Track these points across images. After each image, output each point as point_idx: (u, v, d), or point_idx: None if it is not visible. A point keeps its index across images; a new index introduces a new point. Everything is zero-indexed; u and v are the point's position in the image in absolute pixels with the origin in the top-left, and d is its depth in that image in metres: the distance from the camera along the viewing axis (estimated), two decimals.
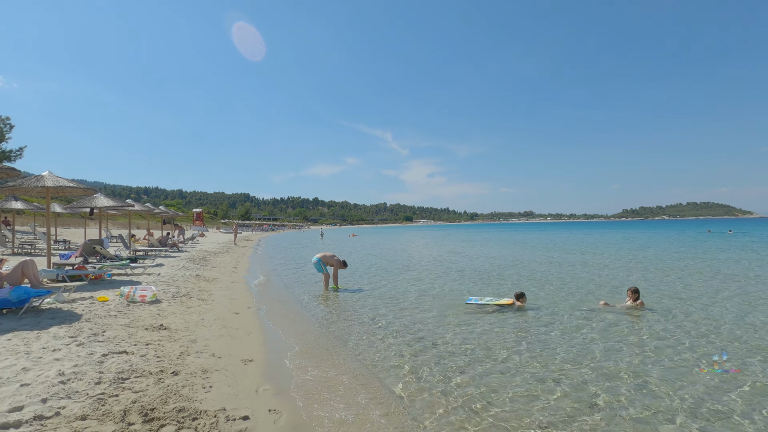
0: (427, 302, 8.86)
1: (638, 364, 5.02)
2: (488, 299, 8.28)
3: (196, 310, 7.44)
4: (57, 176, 10.28)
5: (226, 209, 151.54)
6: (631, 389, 4.30)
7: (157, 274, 11.59)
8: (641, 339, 6.09)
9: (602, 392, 4.22)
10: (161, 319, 6.52)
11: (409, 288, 10.87)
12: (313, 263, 10.69)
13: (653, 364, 5.05)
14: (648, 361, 5.16)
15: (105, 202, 13.96)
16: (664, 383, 4.45)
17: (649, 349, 5.60)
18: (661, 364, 5.03)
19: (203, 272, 13.13)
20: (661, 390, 4.28)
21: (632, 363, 5.07)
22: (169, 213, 25.24)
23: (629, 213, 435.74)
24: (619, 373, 4.75)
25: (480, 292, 10.03)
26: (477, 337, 6.25)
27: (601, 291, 10.11)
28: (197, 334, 5.85)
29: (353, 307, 8.52)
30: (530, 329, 6.68)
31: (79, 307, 6.85)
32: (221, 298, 8.91)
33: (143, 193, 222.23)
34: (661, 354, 5.41)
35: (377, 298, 9.50)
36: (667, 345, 5.79)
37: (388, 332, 6.53)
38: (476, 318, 7.40)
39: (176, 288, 9.50)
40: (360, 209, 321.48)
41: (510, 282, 11.91)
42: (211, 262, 16.82)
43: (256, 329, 6.50)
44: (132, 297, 7.60)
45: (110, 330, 5.64)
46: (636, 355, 5.36)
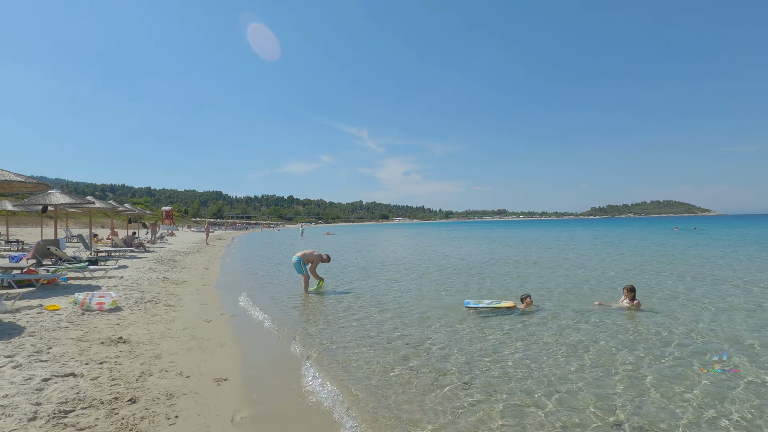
0: (420, 307, 8.33)
1: (648, 371, 4.66)
2: (487, 302, 7.81)
3: (162, 319, 6.67)
4: (2, 169, 9.21)
5: (198, 207, 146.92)
6: (652, 405, 3.92)
7: (120, 278, 10.63)
8: (648, 343, 5.76)
9: (625, 404, 3.82)
10: (121, 331, 5.74)
11: (398, 289, 10.34)
12: (293, 264, 10.01)
13: (660, 370, 4.71)
14: (657, 367, 4.82)
15: (61, 199, 12.79)
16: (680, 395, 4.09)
17: (655, 354, 5.26)
18: (671, 370, 4.69)
19: (171, 274, 12.21)
20: (674, 402, 3.91)
21: (639, 368, 4.71)
22: (135, 211, 23.81)
23: (597, 211, 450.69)
24: (641, 380, 4.37)
25: (469, 292, 9.61)
26: (491, 348, 5.77)
27: (588, 288, 9.89)
28: (162, 348, 5.13)
29: (339, 312, 7.91)
30: (540, 333, 6.27)
31: (23, 318, 5.98)
32: (191, 304, 8.13)
33: (109, 190, 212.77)
34: (667, 359, 5.08)
35: (364, 301, 8.92)
36: (671, 348, 5.48)
37: (383, 343, 5.97)
38: (481, 324, 6.94)
39: (140, 293, 8.64)
40: (336, 207, 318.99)
41: (500, 281, 11.57)
42: (180, 263, 15.80)
43: (231, 339, 5.82)
44: (88, 305, 6.75)
45: (58, 346, 4.85)
46: (646, 362, 5.01)
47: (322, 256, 10.20)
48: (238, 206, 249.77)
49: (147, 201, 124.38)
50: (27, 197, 13.92)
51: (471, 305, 7.65)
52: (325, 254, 10.36)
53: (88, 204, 15.01)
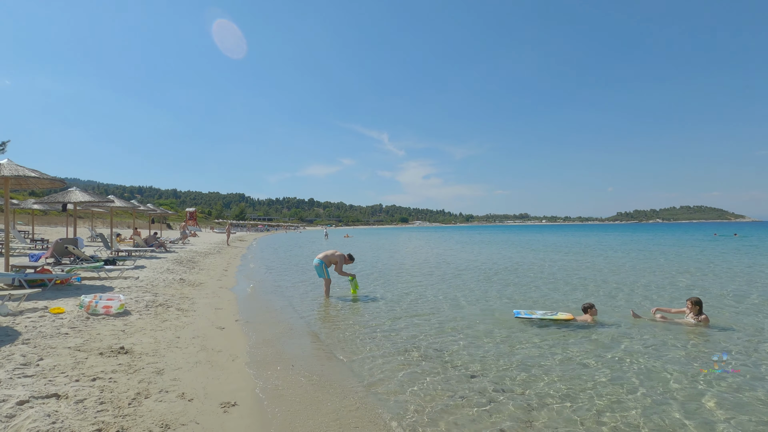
0: (463, 316, 7.54)
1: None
2: (541, 313, 6.93)
3: (171, 325, 6.10)
4: (18, 165, 8.90)
5: (221, 209, 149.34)
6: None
7: (135, 278, 10.22)
8: (732, 378, 4.83)
9: None
10: (125, 339, 5.18)
11: (432, 294, 9.56)
12: (315, 267, 9.37)
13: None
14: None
15: (80, 197, 12.56)
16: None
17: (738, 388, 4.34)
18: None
19: (189, 276, 11.77)
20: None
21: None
22: (157, 211, 23.77)
23: (624, 216, 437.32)
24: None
25: (506, 299, 8.75)
26: (559, 368, 4.95)
27: (639, 297, 8.88)
28: (167, 361, 4.52)
29: (366, 321, 7.21)
30: (615, 355, 5.41)
31: (24, 322, 5.50)
32: (205, 308, 7.57)
33: (137, 192, 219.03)
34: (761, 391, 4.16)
35: (394, 307, 8.19)
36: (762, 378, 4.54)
37: (423, 362, 5.22)
38: (540, 340, 6.11)
39: (153, 295, 8.15)
40: (356, 210, 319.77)
41: (544, 287, 10.65)
42: (199, 264, 15.44)
43: (244, 352, 5.17)
44: (94, 308, 6.24)
45: (50, 357, 4.30)
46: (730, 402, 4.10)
47: (345, 256, 9.55)
48: (260, 208, 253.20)
49: (173, 202, 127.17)
50: (49, 195, 13.76)
51: (522, 315, 6.80)
52: (348, 253, 9.71)
53: (108, 203, 14.80)
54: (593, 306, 6.83)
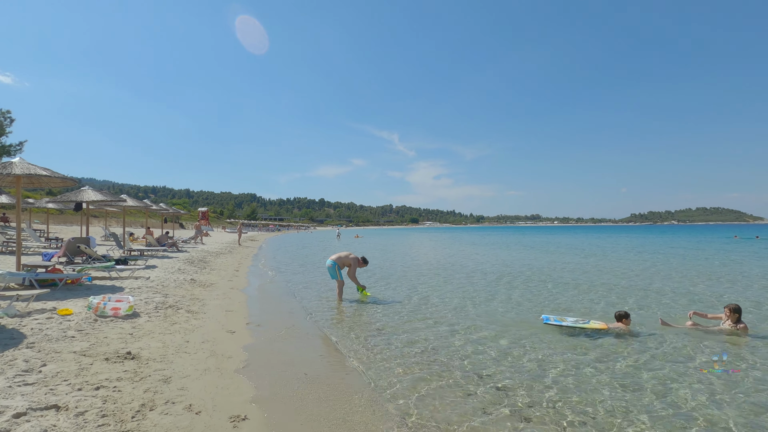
0: (487, 321, 7.23)
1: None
2: (572, 320, 6.52)
3: (181, 328, 5.90)
4: (30, 163, 8.83)
5: (233, 209, 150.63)
6: None
7: (146, 278, 10.10)
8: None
9: None
10: (132, 343, 4.98)
11: (451, 298, 9.25)
12: (327, 268, 9.13)
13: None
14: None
15: (92, 196, 12.52)
16: None
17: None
18: None
19: (200, 276, 11.63)
20: None
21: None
22: (169, 210, 23.82)
23: (637, 218, 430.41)
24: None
25: (528, 303, 8.40)
26: (595, 381, 4.62)
27: (668, 303, 8.45)
28: (175, 368, 4.30)
29: (382, 326, 6.93)
30: (654, 369, 5.06)
31: (30, 324, 5.34)
32: (215, 310, 7.37)
33: (151, 192, 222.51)
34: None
35: (411, 310, 7.90)
36: None
37: (446, 372, 4.92)
38: (569, 347, 5.78)
39: (163, 296, 7.99)
40: (366, 211, 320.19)
41: (567, 292, 10.26)
42: (210, 263, 15.33)
43: (255, 358, 4.93)
44: (102, 310, 6.08)
45: (54, 362, 4.11)
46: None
47: (359, 260, 9.28)
48: (271, 208, 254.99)
49: (186, 202, 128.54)
50: (62, 194, 13.77)
51: (552, 322, 6.45)
52: (362, 256, 9.43)
53: (121, 202, 14.78)
54: (628, 315, 6.41)
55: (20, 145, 37.49)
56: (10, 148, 36.24)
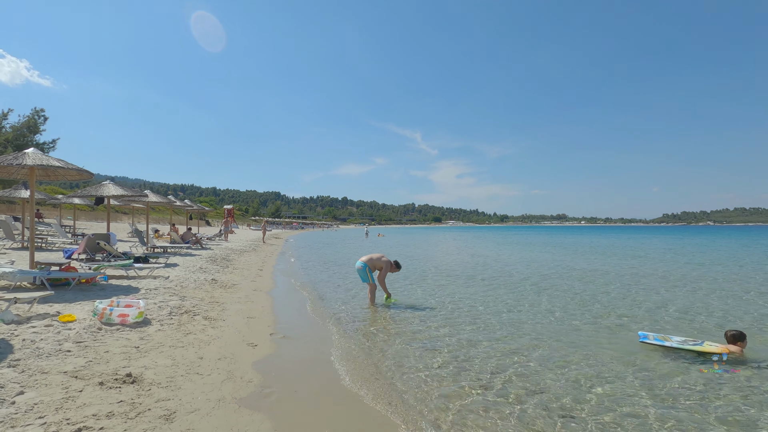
0: (554, 335, 6.18)
1: None
2: (679, 339, 5.39)
3: (196, 339, 5.09)
4: (44, 155, 8.26)
5: (258, 207, 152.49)
6: None
7: (165, 278, 9.43)
8: None
9: None
10: (136, 360, 4.17)
11: (494, 304, 8.20)
12: (357, 270, 8.22)
13: None
14: None
15: (113, 191, 12.02)
16: None
17: None
18: None
19: (222, 276, 10.93)
20: None
21: None
22: (194, 207, 23.49)
23: (670, 218, 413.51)
24: None
25: (601, 317, 7.25)
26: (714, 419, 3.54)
27: (745, 315, 7.15)
28: (182, 397, 3.45)
29: (426, 339, 5.96)
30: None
31: (24, 333, 4.61)
32: (236, 317, 6.56)
33: (180, 190, 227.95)
34: None
35: (462, 325, 6.90)
36: None
37: (517, 405, 3.92)
38: (674, 377, 4.69)
39: (180, 299, 7.24)
40: (388, 209, 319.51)
41: (646, 302, 9.02)
42: (234, 262, 14.70)
43: (280, 385, 4.03)
44: (108, 317, 5.32)
45: (36, 388, 3.32)
46: None
47: (391, 264, 8.32)
48: (295, 206, 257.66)
49: (212, 200, 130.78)
50: (82, 188, 13.37)
51: (651, 341, 5.32)
52: (394, 260, 8.46)
53: (143, 197, 14.32)
54: (744, 337, 5.17)
55: (53, 143, 38.30)
56: (44, 146, 37.01)
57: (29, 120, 36.46)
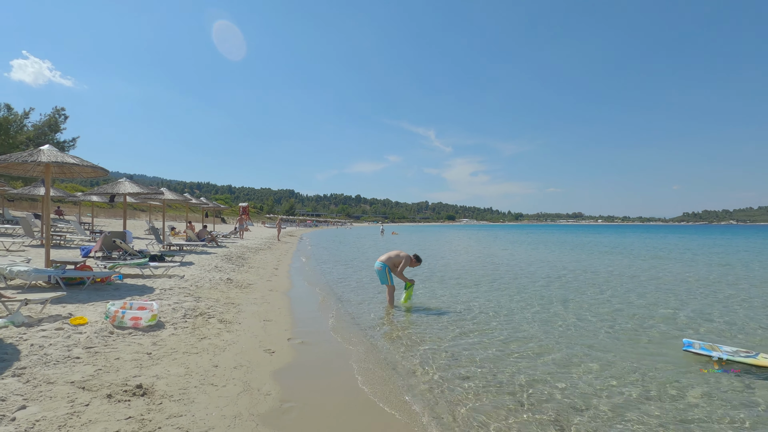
0: (590, 344, 5.79)
1: None
2: (730, 350, 4.87)
3: (210, 345, 4.83)
4: (59, 152, 8.14)
5: (272, 205, 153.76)
6: None
7: (180, 277, 9.27)
8: None
9: None
10: (147, 369, 3.92)
11: (520, 307, 7.80)
12: (376, 270, 7.90)
13: None
14: None
15: (129, 188, 11.93)
16: None
17: None
18: None
19: (237, 275, 10.74)
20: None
21: None
22: (209, 204, 23.50)
23: (691, 217, 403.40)
24: None
25: (633, 321, 6.80)
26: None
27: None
28: (195, 412, 3.18)
29: (448, 345, 5.61)
30: None
31: (33, 338, 4.41)
32: (252, 319, 6.30)
33: (196, 188, 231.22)
34: None
35: (486, 328, 6.53)
36: None
37: (552, 426, 3.56)
38: (725, 390, 4.26)
39: (195, 300, 7.02)
40: (401, 207, 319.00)
41: (685, 307, 8.52)
42: (249, 260, 14.55)
43: (300, 396, 3.74)
44: (120, 320, 5.10)
45: (40, 400, 3.08)
46: None
47: (411, 258, 7.98)
48: (309, 204, 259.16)
49: (227, 197, 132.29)
50: (100, 186, 13.34)
51: (696, 350, 4.88)
52: (414, 254, 8.11)
53: (158, 194, 14.24)
54: None
55: (73, 141, 38.91)
56: (64, 144, 37.62)
57: (50, 119, 37.09)
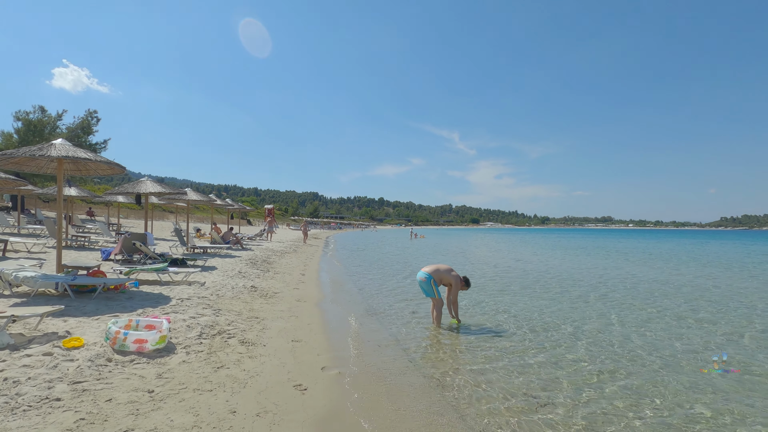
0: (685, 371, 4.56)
1: None
2: None
3: (228, 378, 3.87)
4: (71, 146, 7.44)
5: (297, 207, 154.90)
6: None
7: (200, 284, 8.45)
8: None
9: None
10: (146, 415, 2.97)
11: (582, 323, 6.56)
12: (419, 281, 6.80)
13: None
14: None
15: (151, 188, 11.29)
16: None
17: None
18: None
19: (262, 281, 9.88)
20: None
21: None
22: (234, 206, 22.97)
23: (729, 221, 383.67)
24: None
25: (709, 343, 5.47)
26: None
27: None
28: None
29: (520, 373, 4.48)
30: None
31: (11, 368, 3.55)
32: (279, 339, 5.34)
33: (223, 190, 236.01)
34: None
35: (556, 353, 5.36)
36: None
37: None
38: None
39: (214, 313, 6.13)
40: (425, 210, 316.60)
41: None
42: (275, 265, 13.73)
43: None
44: (122, 343, 4.21)
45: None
46: None
47: (461, 280, 6.73)
48: (332, 207, 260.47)
49: (253, 200, 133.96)
50: (120, 185, 12.79)
51: None
52: (463, 276, 6.91)
53: (181, 194, 13.62)
54: None
55: (105, 143, 39.48)
56: (96, 146, 38.22)
57: (83, 121, 37.73)
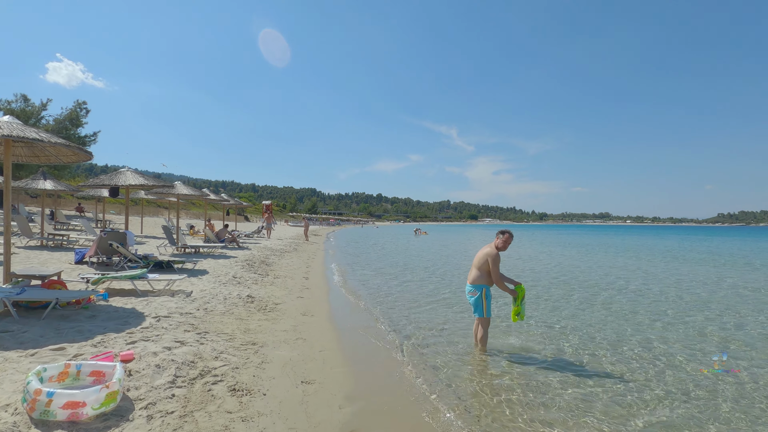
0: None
1: None
2: None
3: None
4: (20, 124, 5.92)
5: (295, 203, 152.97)
6: None
7: (186, 295, 6.98)
8: None
9: None
10: None
11: (633, 336, 5.15)
12: (468, 295, 5.28)
13: None
14: None
15: (131, 179, 9.78)
16: None
17: None
18: None
19: (260, 288, 8.43)
20: None
21: None
22: (230, 201, 21.46)
23: (726, 218, 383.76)
24: None
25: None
26: None
27: None
28: None
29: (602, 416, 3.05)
30: None
31: None
32: (283, 381, 3.89)
33: (221, 186, 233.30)
34: None
35: (623, 370, 3.95)
36: None
37: None
38: None
39: (198, 339, 4.66)
40: (423, 206, 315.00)
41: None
42: (274, 267, 12.27)
43: None
44: (45, 409, 2.74)
45: None
46: None
47: (499, 239, 5.19)
48: (331, 203, 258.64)
49: (251, 196, 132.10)
50: (96, 177, 11.25)
51: None
52: (498, 231, 5.37)
53: (170, 188, 12.11)
54: None
55: (94, 136, 37.78)
56: (85, 139, 36.52)
57: (71, 113, 36.02)
